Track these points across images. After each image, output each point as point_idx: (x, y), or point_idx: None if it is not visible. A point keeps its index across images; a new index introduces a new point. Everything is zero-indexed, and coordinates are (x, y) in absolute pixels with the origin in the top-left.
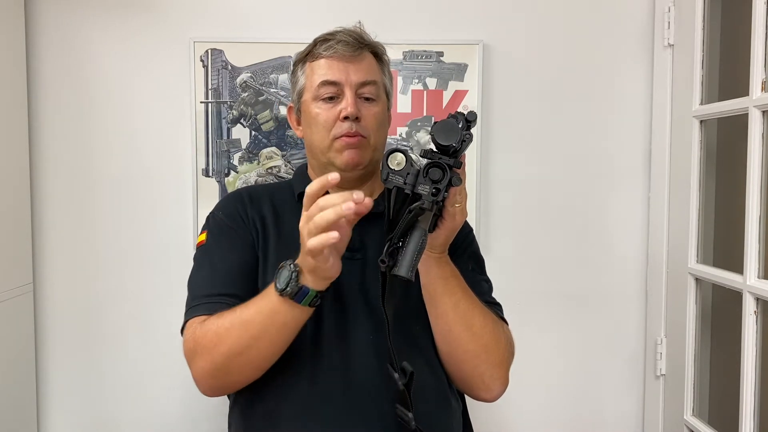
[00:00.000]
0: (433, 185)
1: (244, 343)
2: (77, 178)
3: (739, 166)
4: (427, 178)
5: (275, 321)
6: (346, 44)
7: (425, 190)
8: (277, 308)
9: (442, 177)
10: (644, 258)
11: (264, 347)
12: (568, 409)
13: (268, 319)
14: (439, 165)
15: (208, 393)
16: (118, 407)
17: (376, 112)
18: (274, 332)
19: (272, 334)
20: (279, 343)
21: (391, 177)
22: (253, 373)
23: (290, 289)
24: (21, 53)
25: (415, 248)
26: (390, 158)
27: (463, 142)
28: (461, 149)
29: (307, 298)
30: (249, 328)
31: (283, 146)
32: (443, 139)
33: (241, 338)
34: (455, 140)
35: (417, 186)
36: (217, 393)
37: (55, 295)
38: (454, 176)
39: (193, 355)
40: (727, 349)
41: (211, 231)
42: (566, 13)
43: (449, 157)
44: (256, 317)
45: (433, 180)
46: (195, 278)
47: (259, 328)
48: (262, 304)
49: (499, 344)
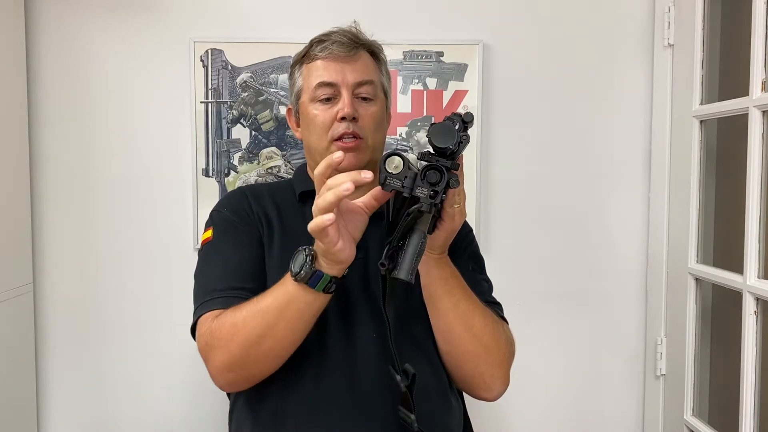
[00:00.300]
0: (431, 188)
1: (260, 332)
2: (77, 178)
3: (739, 166)
4: (425, 181)
5: (291, 308)
6: (342, 44)
7: (423, 193)
8: (293, 294)
9: (440, 179)
10: (644, 258)
11: (280, 336)
12: (568, 409)
13: (284, 306)
14: (436, 167)
15: (225, 387)
16: (118, 407)
17: (373, 111)
18: (289, 320)
19: (288, 322)
20: (296, 331)
21: (388, 180)
22: (270, 366)
23: (304, 272)
24: (21, 53)
25: (415, 251)
26: (387, 162)
27: (460, 143)
28: (458, 151)
29: (321, 282)
30: (264, 317)
31: (283, 146)
32: (440, 142)
33: (256, 328)
34: (452, 142)
35: (415, 189)
36: (235, 387)
37: (55, 295)
38: (452, 178)
39: (209, 349)
40: (727, 349)
41: (218, 227)
42: (566, 13)
43: (447, 159)
44: (272, 305)
45: (431, 183)
46: (204, 273)
47: (275, 315)
48: (277, 293)
49: (500, 344)
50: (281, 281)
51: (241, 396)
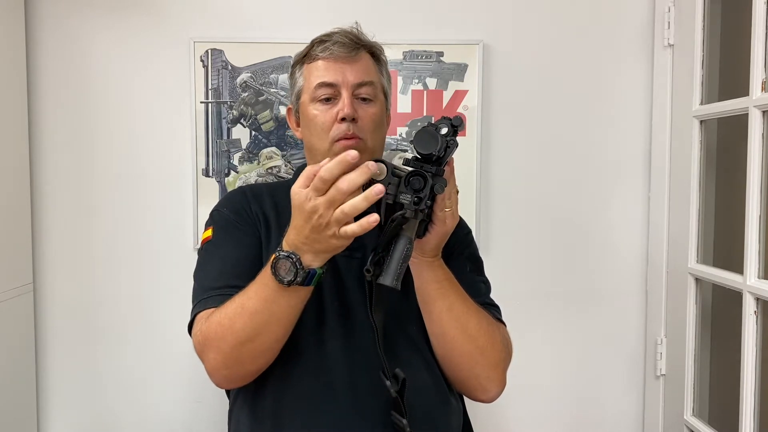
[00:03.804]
0: (414, 194)
1: (252, 331)
2: (77, 178)
3: (739, 166)
4: (409, 188)
5: (281, 305)
6: (343, 45)
7: (407, 200)
8: (282, 294)
9: (424, 186)
10: (644, 258)
11: (273, 331)
12: (568, 409)
13: (274, 305)
14: (420, 174)
15: (223, 384)
16: (118, 407)
17: (373, 112)
18: (281, 316)
19: (280, 318)
20: (288, 324)
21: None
22: (265, 360)
23: (300, 278)
24: (21, 53)
25: (400, 256)
26: None
27: (447, 148)
28: (445, 156)
29: (316, 278)
30: (255, 318)
31: (283, 146)
32: (422, 148)
33: (246, 327)
34: (435, 149)
35: (398, 196)
36: (232, 384)
37: (55, 295)
38: (437, 184)
39: (203, 348)
40: (727, 349)
41: (218, 226)
42: (566, 13)
43: (432, 165)
44: (262, 306)
45: (415, 189)
46: (203, 271)
47: (266, 315)
48: (265, 294)
49: (495, 346)
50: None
51: (240, 395)
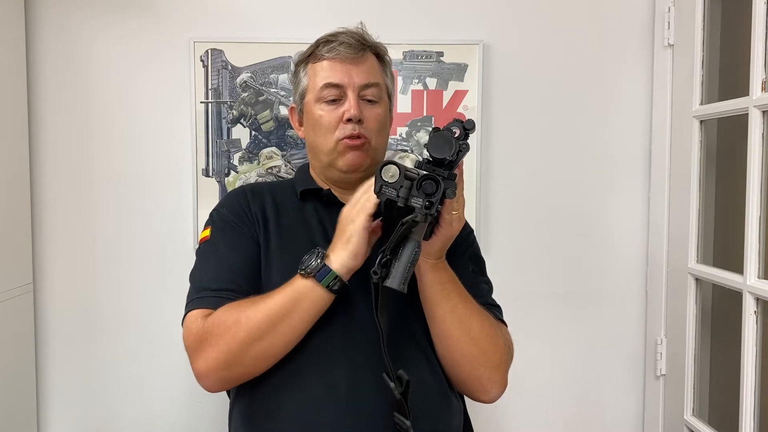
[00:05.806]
0: (426, 198)
1: (265, 328)
2: (77, 178)
3: (739, 166)
4: (421, 191)
5: (297, 305)
6: (349, 46)
7: (418, 203)
8: (300, 292)
9: (436, 190)
10: (644, 258)
11: (283, 332)
12: (568, 409)
13: (290, 302)
14: (432, 178)
15: (213, 387)
16: (118, 407)
17: (378, 114)
18: (294, 316)
19: (293, 319)
20: (298, 329)
21: (384, 189)
22: (263, 364)
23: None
24: (21, 53)
25: (408, 260)
26: (383, 170)
27: (459, 152)
28: (457, 159)
29: (328, 277)
30: (269, 314)
31: (283, 146)
32: (437, 152)
33: (261, 324)
34: (449, 153)
35: (410, 199)
36: (223, 386)
37: (55, 295)
38: (449, 188)
39: (199, 346)
40: (727, 349)
41: (216, 226)
42: (566, 13)
43: (444, 169)
44: (279, 302)
45: (427, 193)
46: (200, 271)
47: (280, 313)
48: (286, 291)
49: (497, 347)
50: (289, 282)
51: (240, 395)
